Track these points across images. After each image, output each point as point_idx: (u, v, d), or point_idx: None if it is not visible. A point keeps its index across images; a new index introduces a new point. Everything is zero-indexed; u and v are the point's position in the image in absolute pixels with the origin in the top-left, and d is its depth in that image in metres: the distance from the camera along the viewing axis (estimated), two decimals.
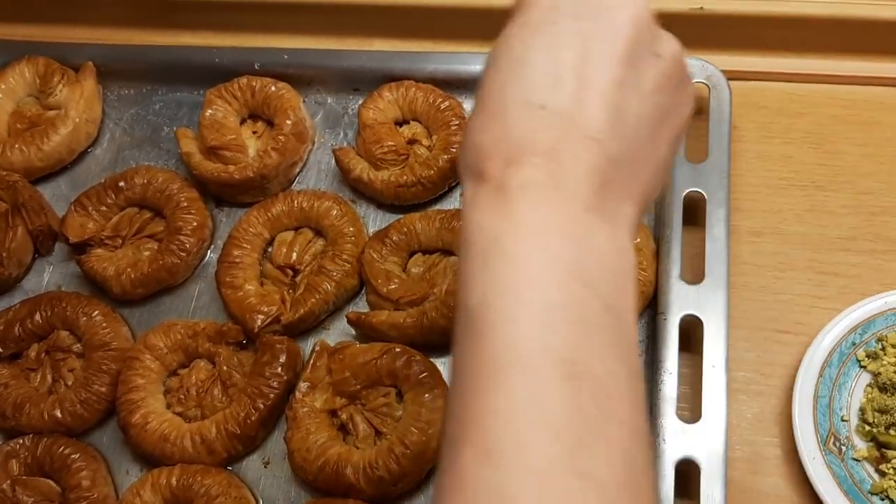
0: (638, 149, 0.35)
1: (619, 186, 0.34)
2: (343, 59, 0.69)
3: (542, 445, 0.28)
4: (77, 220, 0.65)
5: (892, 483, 0.51)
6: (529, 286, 0.31)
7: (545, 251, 0.32)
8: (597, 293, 0.32)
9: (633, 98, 0.35)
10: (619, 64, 0.35)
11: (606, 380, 0.30)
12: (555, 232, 0.32)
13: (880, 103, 0.65)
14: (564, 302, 0.31)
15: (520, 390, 0.29)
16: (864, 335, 0.55)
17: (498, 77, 0.36)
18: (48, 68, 0.71)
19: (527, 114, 0.34)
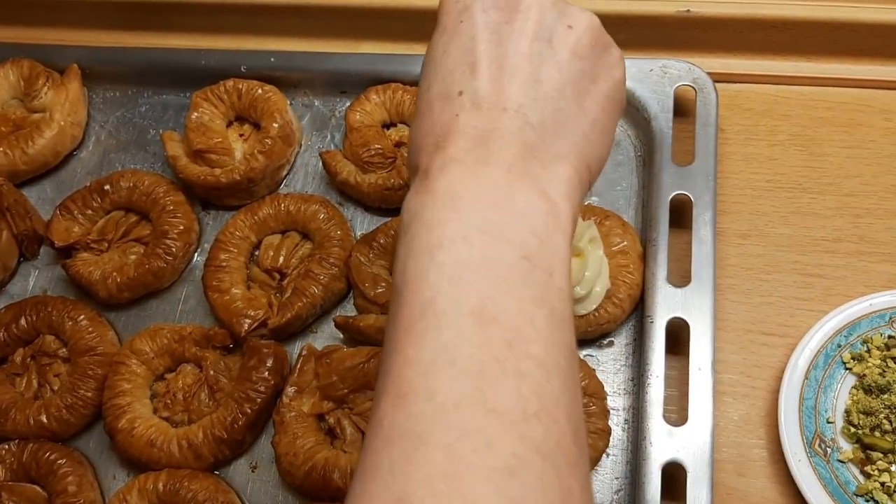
0: (563, 113, 0.37)
1: (545, 150, 0.36)
2: (330, 62, 0.69)
3: (450, 386, 0.30)
4: (62, 224, 0.64)
5: (877, 485, 0.52)
6: (440, 248, 0.33)
7: (458, 215, 0.34)
8: (513, 246, 0.33)
9: (551, 68, 0.37)
10: (530, 41, 0.37)
11: (520, 322, 0.32)
12: (470, 198, 0.34)
13: (865, 105, 0.65)
14: (475, 257, 0.33)
15: (431, 339, 0.31)
16: (850, 337, 0.56)
17: (425, 82, 0.39)
18: (32, 71, 0.70)
19: (449, 103, 0.37)
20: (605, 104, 0.39)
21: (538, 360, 0.31)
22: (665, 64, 0.63)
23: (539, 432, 0.30)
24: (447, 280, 0.32)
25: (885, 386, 0.53)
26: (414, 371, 0.31)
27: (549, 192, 0.35)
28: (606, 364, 0.57)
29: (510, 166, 0.35)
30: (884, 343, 0.55)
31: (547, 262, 0.34)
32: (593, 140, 0.38)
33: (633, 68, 0.64)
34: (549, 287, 0.33)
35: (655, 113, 0.62)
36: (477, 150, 0.35)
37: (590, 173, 0.38)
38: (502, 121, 0.36)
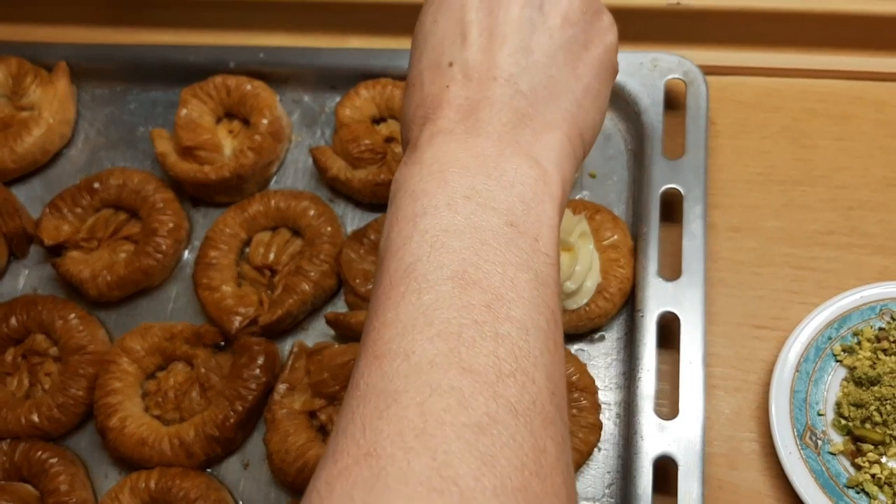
0: (554, 80, 0.37)
1: (537, 118, 0.36)
2: (319, 57, 0.69)
3: (426, 346, 0.30)
4: (52, 223, 0.64)
5: (868, 476, 0.52)
6: (424, 215, 0.33)
7: (444, 184, 0.34)
8: (498, 213, 0.33)
9: (542, 35, 0.37)
10: (520, 7, 0.37)
11: (501, 285, 0.32)
12: (457, 167, 0.34)
13: (856, 97, 0.65)
14: (459, 224, 0.33)
15: (410, 303, 0.31)
16: (841, 330, 0.56)
17: (415, 53, 0.39)
18: (21, 69, 0.70)
19: (439, 74, 0.37)
20: (598, 70, 0.39)
21: (518, 321, 0.31)
22: (655, 57, 0.63)
23: (514, 391, 0.30)
24: (429, 245, 0.32)
25: (875, 378, 0.53)
26: (392, 332, 0.31)
27: (539, 160, 0.35)
28: (598, 359, 0.57)
29: (500, 135, 0.35)
30: (874, 335, 0.55)
31: (534, 227, 0.34)
32: (586, 106, 0.38)
33: (623, 62, 0.62)
34: (534, 252, 0.33)
35: (646, 106, 0.62)
36: (467, 120, 0.35)
37: (583, 141, 0.38)
38: (493, 90, 0.36)
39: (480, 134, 0.35)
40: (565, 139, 0.37)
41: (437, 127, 0.35)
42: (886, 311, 0.56)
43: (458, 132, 0.35)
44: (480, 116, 0.35)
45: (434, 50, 0.38)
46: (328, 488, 0.28)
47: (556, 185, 0.35)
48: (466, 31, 0.37)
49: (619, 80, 0.63)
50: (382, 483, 0.27)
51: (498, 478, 0.27)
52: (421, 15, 0.40)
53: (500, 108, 0.36)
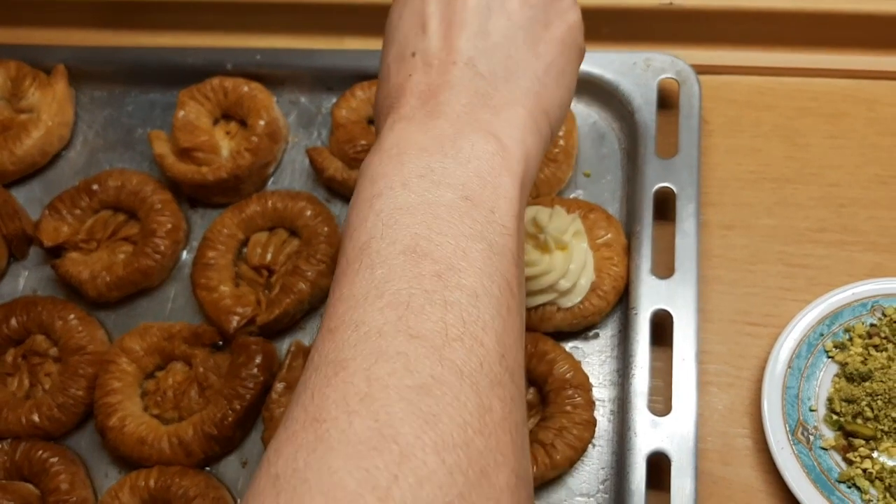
0: (514, 60, 0.38)
1: (496, 98, 0.37)
2: (316, 59, 0.69)
3: (375, 316, 0.31)
4: (51, 224, 0.65)
5: (859, 471, 0.52)
6: (380, 196, 0.34)
7: (401, 166, 0.35)
8: (453, 188, 0.34)
9: (500, 18, 0.38)
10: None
11: (453, 256, 0.32)
12: (415, 150, 0.35)
13: (849, 95, 0.66)
14: (413, 201, 0.34)
15: (364, 278, 0.32)
16: (832, 326, 0.56)
17: (384, 49, 0.41)
18: (19, 72, 0.70)
19: (403, 65, 0.38)
20: (561, 48, 0.40)
21: (468, 289, 0.32)
22: (648, 57, 0.64)
23: (461, 354, 0.30)
24: (382, 224, 0.33)
25: (866, 374, 0.54)
26: (345, 307, 0.32)
27: (498, 135, 0.36)
28: (592, 356, 0.58)
29: (458, 115, 0.36)
30: (866, 332, 0.56)
31: (490, 200, 0.34)
32: (549, 84, 0.39)
33: (616, 61, 0.64)
34: (488, 223, 0.34)
35: (639, 105, 0.62)
36: (426, 105, 0.36)
37: (548, 118, 0.39)
38: (452, 73, 0.37)
39: (440, 116, 0.36)
40: (527, 115, 0.37)
41: (399, 114, 0.37)
42: (878, 308, 0.56)
43: (417, 117, 0.36)
44: (440, 100, 0.36)
45: (399, 43, 0.39)
46: (276, 454, 0.29)
47: (516, 159, 0.36)
48: (427, 21, 0.39)
49: (613, 80, 0.63)
50: (325, 444, 0.28)
51: (439, 435, 0.28)
52: (390, 12, 0.42)
53: (458, 90, 0.37)
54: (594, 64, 0.64)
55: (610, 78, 0.63)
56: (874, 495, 0.51)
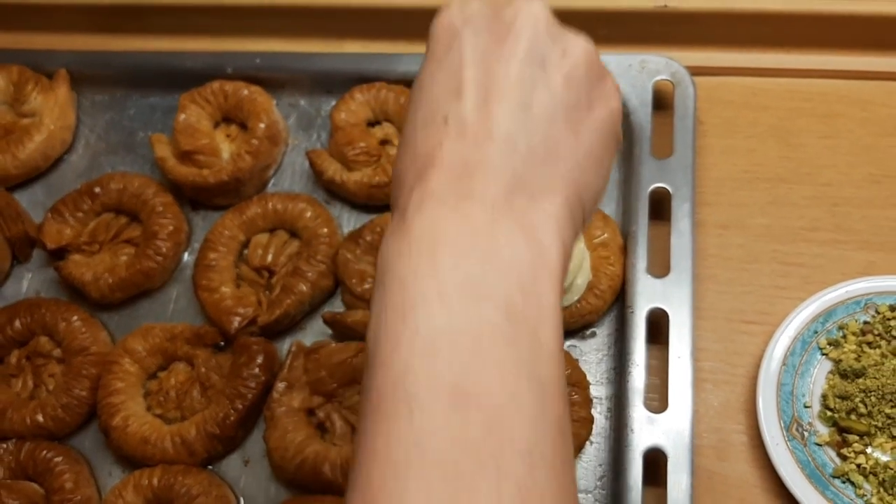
0: (554, 142, 0.35)
1: (534, 181, 0.33)
2: (315, 62, 0.70)
3: (422, 489, 0.27)
4: (54, 227, 0.65)
5: (853, 466, 0.53)
6: (414, 310, 0.30)
7: (434, 267, 0.31)
8: (494, 304, 0.30)
9: (542, 94, 0.35)
10: (521, 63, 0.35)
11: (503, 401, 0.29)
12: (447, 244, 0.31)
13: (842, 96, 0.66)
14: (451, 321, 0.30)
15: (400, 428, 0.28)
16: (826, 324, 0.57)
17: (411, 110, 0.37)
18: (21, 76, 0.71)
19: (433, 130, 0.34)
20: (600, 134, 0.37)
21: (522, 448, 0.28)
22: (644, 59, 0.64)
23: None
24: (419, 352, 0.29)
25: (860, 370, 0.55)
26: (380, 474, 0.28)
27: (536, 232, 0.32)
28: (589, 354, 0.58)
29: (494, 202, 0.32)
30: (859, 329, 0.56)
31: (533, 318, 0.31)
32: (587, 171, 0.36)
33: (612, 63, 0.65)
34: (535, 350, 0.30)
35: (635, 107, 0.63)
36: (459, 182, 0.33)
37: (583, 207, 0.36)
38: (488, 149, 0.33)
39: (473, 201, 0.32)
40: (565, 205, 0.34)
41: (428, 190, 0.33)
42: (871, 306, 0.57)
43: (449, 198, 0.32)
44: (474, 179, 0.33)
45: (429, 105, 0.36)
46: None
47: (556, 259, 0.33)
48: (463, 85, 0.35)
49: None
50: None
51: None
52: (419, 71, 0.38)
53: (494, 170, 0.33)
54: None
55: None
56: (868, 490, 0.52)
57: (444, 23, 0.38)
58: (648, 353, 0.55)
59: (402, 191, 0.34)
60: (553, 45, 0.36)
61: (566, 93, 0.35)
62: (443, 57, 0.37)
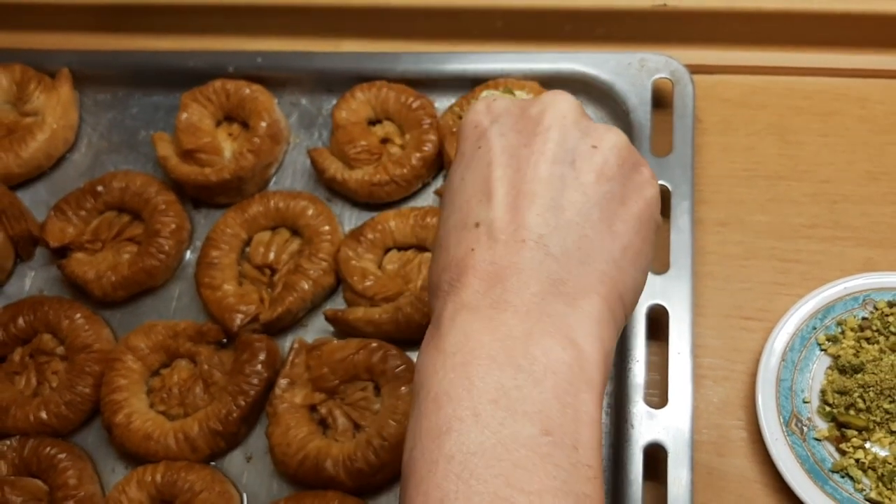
0: (589, 240, 0.34)
1: (570, 283, 0.33)
2: (316, 61, 0.70)
3: None
4: (57, 225, 0.66)
5: (852, 461, 0.53)
6: (449, 432, 0.29)
7: (468, 384, 0.30)
8: (530, 419, 0.29)
9: (573, 191, 0.34)
10: (549, 163, 0.34)
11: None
12: (482, 359, 0.30)
13: (840, 94, 0.67)
14: (487, 441, 0.29)
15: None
16: (825, 320, 0.57)
17: (444, 212, 0.37)
18: (24, 75, 0.71)
19: (465, 235, 0.34)
20: (638, 226, 0.36)
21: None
22: (643, 57, 0.65)
23: None
24: (455, 476, 0.28)
25: (858, 366, 0.55)
26: None
27: (574, 336, 0.31)
28: None
29: (529, 308, 0.31)
30: (858, 325, 0.57)
31: (571, 432, 0.30)
32: (625, 267, 0.35)
33: (611, 62, 0.65)
34: (574, 468, 0.29)
35: (634, 105, 0.63)
36: (492, 291, 0.32)
37: (623, 304, 0.35)
38: (521, 254, 0.32)
39: (507, 308, 0.31)
40: (603, 305, 0.33)
41: (461, 300, 0.32)
42: (869, 302, 0.57)
43: (482, 308, 0.32)
44: (507, 286, 0.32)
45: (461, 210, 0.35)
46: None
47: (595, 365, 0.32)
48: (492, 189, 0.34)
49: (608, 80, 0.65)
50: None
51: None
52: (450, 173, 0.38)
53: (528, 275, 0.32)
54: (590, 64, 0.65)
55: (605, 78, 0.65)
56: (867, 485, 0.52)
57: (472, 122, 0.37)
58: (648, 350, 0.56)
59: (437, 298, 0.34)
60: (582, 141, 0.35)
61: (598, 189, 0.35)
62: (471, 157, 0.36)
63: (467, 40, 0.71)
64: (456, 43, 0.72)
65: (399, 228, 0.62)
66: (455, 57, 0.68)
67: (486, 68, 0.67)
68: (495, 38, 0.71)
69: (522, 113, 0.36)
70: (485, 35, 0.71)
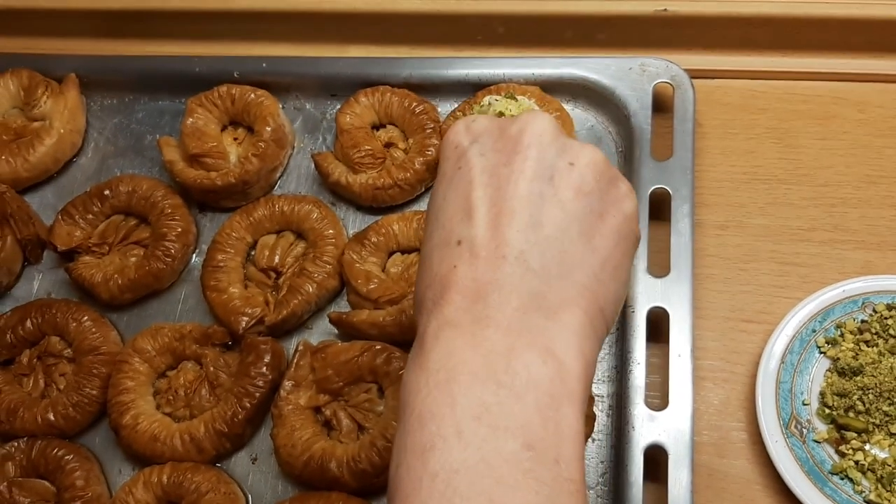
0: (568, 255, 0.34)
1: (550, 297, 0.33)
2: (320, 66, 0.71)
3: None
4: (64, 229, 0.66)
5: (852, 463, 0.54)
6: (433, 450, 0.30)
7: (451, 402, 0.30)
8: (512, 434, 0.30)
9: (552, 208, 0.35)
10: (528, 181, 0.35)
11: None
12: (465, 376, 0.31)
13: (839, 98, 0.67)
14: (470, 458, 0.29)
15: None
16: (824, 322, 0.58)
17: (427, 231, 0.37)
18: (32, 80, 0.72)
19: (447, 253, 0.35)
20: (617, 240, 0.36)
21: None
22: (644, 62, 0.65)
23: None
24: (440, 496, 0.29)
25: (858, 368, 0.55)
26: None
27: (555, 349, 0.32)
28: None
29: (510, 323, 0.32)
30: (857, 327, 0.57)
31: (553, 445, 0.30)
32: (605, 280, 0.35)
33: (612, 66, 0.66)
34: (556, 482, 0.30)
35: (635, 110, 0.64)
36: (474, 307, 0.32)
37: (604, 317, 0.35)
38: (502, 270, 0.33)
39: (489, 324, 0.32)
40: (584, 317, 0.34)
41: (444, 317, 0.33)
42: (868, 304, 0.58)
43: (464, 324, 0.32)
44: (489, 302, 0.32)
45: (443, 228, 0.36)
46: None
47: (576, 377, 0.32)
48: (473, 207, 0.35)
49: (609, 85, 0.65)
50: None
51: None
52: (432, 192, 0.38)
53: (508, 290, 0.33)
54: (591, 69, 0.66)
55: (606, 83, 0.65)
56: (866, 486, 0.53)
57: (452, 142, 0.38)
58: (649, 352, 0.56)
59: (421, 314, 0.34)
60: (560, 158, 0.36)
61: (577, 205, 0.35)
62: (452, 177, 0.37)
63: (470, 46, 0.72)
64: (459, 48, 0.72)
65: (402, 232, 0.63)
66: (458, 62, 0.69)
67: (488, 73, 0.68)
68: (497, 44, 0.72)
69: (501, 133, 0.37)
70: (487, 41, 0.72)
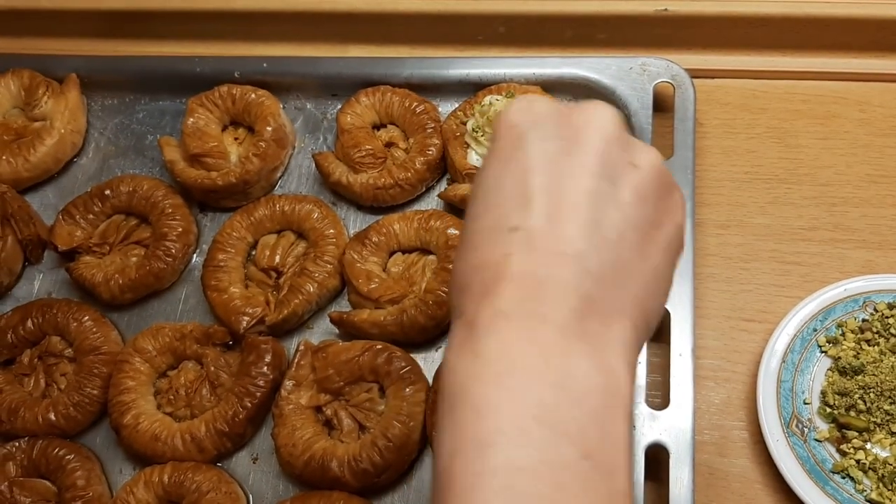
0: (624, 261, 0.33)
1: (605, 303, 0.32)
2: (321, 66, 0.71)
3: None
4: (65, 229, 0.66)
5: (853, 462, 0.54)
6: (493, 446, 0.29)
7: (511, 396, 0.29)
8: (572, 441, 0.29)
9: (612, 210, 0.33)
10: (591, 177, 0.33)
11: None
12: (523, 370, 0.30)
13: (840, 97, 0.67)
14: (532, 459, 0.28)
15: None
16: (825, 321, 0.58)
17: (474, 210, 0.35)
18: (33, 81, 0.72)
19: (500, 238, 0.33)
20: (666, 250, 0.35)
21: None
22: (644, 62, 0.65)
23: None
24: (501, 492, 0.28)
25: (859, 367, 0.55)
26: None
27: (608, 359, 0.31)
28: None
29: (566, 325, 0.31)
30: (858, 326, 0.57)
31: (610, 458, 0.30)
32: (652, 290, 0.34)
33: (613, 66, 0.66)
34: (610, 495, 0.29)
35: (636, 109, 0.64)
36: (530, 301, 0.31)
37: (648, 328, 0.35)
38: (559, 267, 0.32)
39: (545, 321, 0.31)
40: (633, 329, 0.33)
41: (497, 307, 0.31)
42: (869, 304, 0.58)
43: (520, 316, 0.31)
44: (545, 299, 0.31)
45: (496, 211, 0.34)
46: None
47: (626, 389, 0.32)
48: (531, 195, 0.33)
49: (610, 84, 0.65)
50: None
51: None
52: (482, 169, 0.36)
53: (566, 290, 0.31)
54: (592, 69, 0.66)
55: (607, 82, 0.65)
56: (867, 485, 0.53)
57: (510, 121, 0.36)
58: (650, 351, 0.56)
59: (466, 297, 0.33)
60: (623, 156, 0.34)
61: (635, 211, 0.34)
62: (508, 158, 0.35)
63: (470, 46, 0.72)
64: (459, 48, 0.72)
65: (403, 231, 0.63)
66: (458, 62, 0.69)
67: (489, 73, 0.68)
68: (498, 44, 0.72)
69: (563, 120, 0.35)
70: (488, 40, 0.72)
